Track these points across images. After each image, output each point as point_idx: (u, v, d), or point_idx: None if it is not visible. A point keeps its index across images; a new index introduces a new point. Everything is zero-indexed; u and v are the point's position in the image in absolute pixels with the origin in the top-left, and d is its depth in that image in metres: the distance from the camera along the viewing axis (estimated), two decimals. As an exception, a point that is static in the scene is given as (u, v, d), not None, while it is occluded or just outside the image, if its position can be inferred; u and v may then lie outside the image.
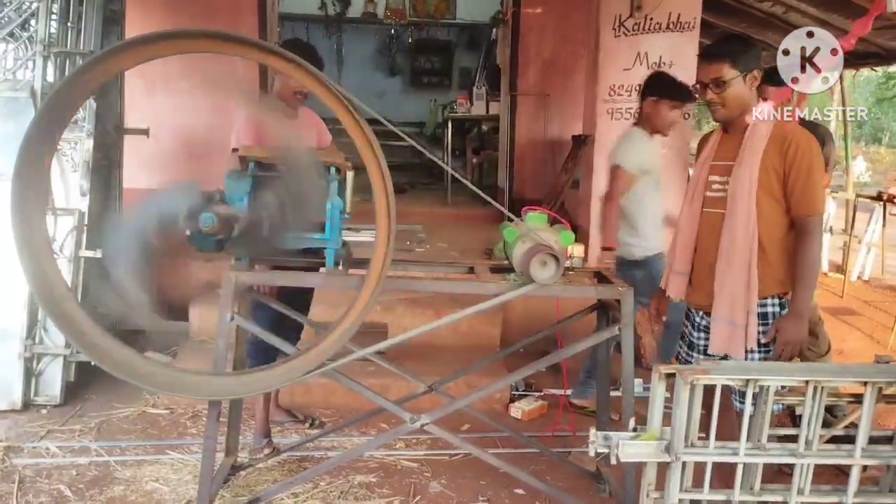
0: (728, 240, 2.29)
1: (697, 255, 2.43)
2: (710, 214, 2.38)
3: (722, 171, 2.37)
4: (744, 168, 2.26)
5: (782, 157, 2.23)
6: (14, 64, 3.86)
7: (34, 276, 2.06)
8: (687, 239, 2.46)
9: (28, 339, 3.58)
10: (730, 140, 2.38)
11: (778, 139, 2.25)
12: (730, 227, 2.29)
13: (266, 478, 2.96)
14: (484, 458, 2.57)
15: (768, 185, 2.24)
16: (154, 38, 1.98)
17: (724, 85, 2.29)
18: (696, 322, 2.48)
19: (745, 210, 2.24)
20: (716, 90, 2.31)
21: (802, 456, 1.62)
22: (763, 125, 2.28)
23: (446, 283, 2.67)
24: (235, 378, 2.43)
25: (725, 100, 2.31)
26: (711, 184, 2.40)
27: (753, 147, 2.26)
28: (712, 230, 2.36)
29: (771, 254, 2.27)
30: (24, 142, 1.97)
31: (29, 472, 2.94)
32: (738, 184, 2.27)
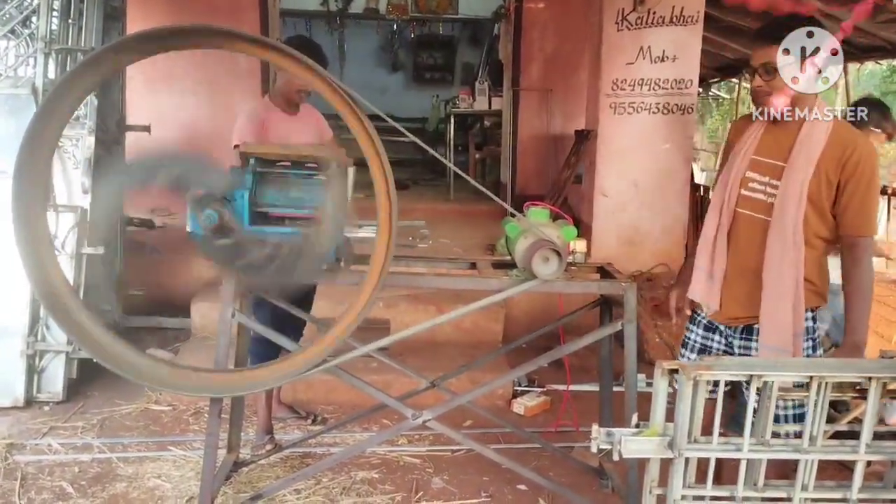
0: (777, 258, 2.08)
1: (728, 260, 2.22)
2: (747, 217, 2.17)
3: (765, 169, 2.14)
4: (797, 174, 2.04)
5: (839, 168, 2.02)
6: (15, 61, 3.86)
7: (35, 274, 2.06)
8: (723, 239, 2.23)
9: (30, 336, 3.59)
10: (777, 134, 2.14)
11: (838, 146, 2.03)
12: (778, 241, 2.08)
13: (268, 474, 2.96)
14: (486, 454, 2.56)
15: (817, 196, 2.05)
16: (155, 35, 1.97)
17: (775, 72, 2.05)
18: (716, 327, 2.30)
19: (793, 222, 2.05)
20: (765, 77, 2.08)
21: (807, 452, 1.60)
22: (821, 125, 2.06)
23: (448, 279, 2.66)
24: (237, 375, 2.42)
25: (774, 89, 2.07)
26: (749, 181, 2.17)
27: (810, 151, 2.04)
28: (749, 236, 2.16)
29: (809, 268, 2.09)
30: (25, 139, 1.96)
31: (31, 469, 2.94)
32: (790, 192, 2.05)
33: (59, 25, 3.85)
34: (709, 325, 2.32)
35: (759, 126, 2.20)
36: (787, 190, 2.06)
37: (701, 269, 2.29)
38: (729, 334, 2.26)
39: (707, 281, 2.26)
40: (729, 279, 2.21)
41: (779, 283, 2.08)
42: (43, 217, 2.10)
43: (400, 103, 10.69)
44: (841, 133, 2.06)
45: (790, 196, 2.05)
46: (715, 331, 2.30)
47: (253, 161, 2.29)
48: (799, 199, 2.03)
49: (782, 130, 2.12)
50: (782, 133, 2.12)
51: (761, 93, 2.10)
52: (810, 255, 2.08)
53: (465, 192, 7.67)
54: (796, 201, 2.04)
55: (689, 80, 4.76)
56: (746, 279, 2.16)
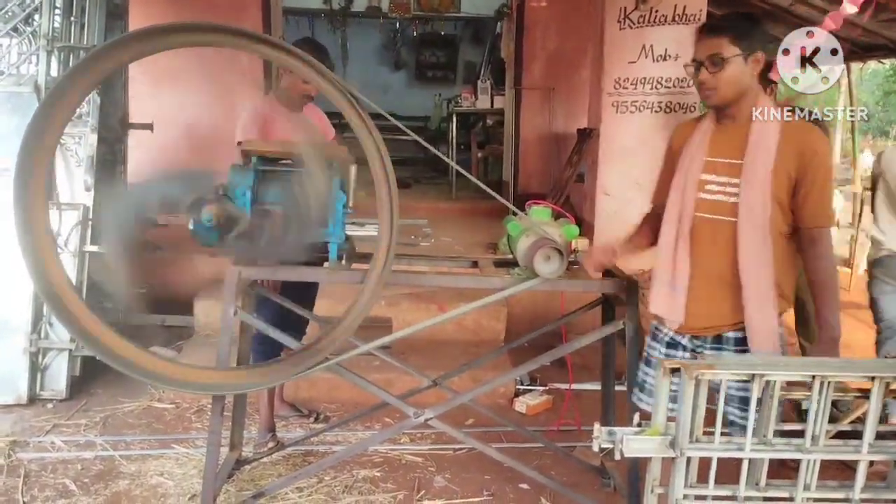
0: (753, 260, 2.00)
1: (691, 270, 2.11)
2: (708, 221, 2.08)
3: (722, 169, 2.06)
4: (758, 170, 1.98)
5: (797, 161, 1.96)
6: (18, 59, 3.86)
7: (37, 272, 2.06)
8: (684, 246, 2.11)
9: (33, 333, 3.59)
10: (728, 132, 2.08)
11: (793, 140, 1.98)
12: (751, 242, 1.99)
13: (270, 472, 2.97)
14: (488, 452, 2.56)
15: (778, 192, 1.98)
16: (157, 31, 1.97)
17: (722, 64, 1.99)
18: (679, 343, 2.18)
19: (762, 220, 1.98)
20: (711, 69, 2.00)
21: (809, 451, 1.60)
22: (771, 123, 2.01)
23: (450, 277, 2.66)
24: (239, 373, 2.42)
25: (720, 82, 2.01)
26: (706, 184, 2.08)
27: (767, 145, 1.98)
28: (712, 239, 2.06)
29: (778, 270, 2.02)
30: (27, 136, 1.96)
31: (34, 467, 2.95)
32: (753, 189, 1.99)
33: (62, 23, 3.85)
34: (671, 342, 2.20)
35: (706, 127, 2.13)
36: (751, 188, 1.99)
37: (661, 281, 2.17)
38: (697, 345, 2.14)
39: (669, 293, 2.14)
40: (694, 288, 2.10)
41: (759, 286, 2.00)
42: (45, 215, 2.10)
43: (402, 102, 10.69)
44: (793, 125, 2.01)
45: (755, 194, 1.98)
46: (678, 347, 2.18)
47: (255, 159, 2.29)
48: (763, 196, 1.97)
49: (732, 128, 2.07)
50: (733, 130, 2.07)
51: (707, 86, 2.04)
52: (779, 258, 2.01)
53: (467, 190, 7.68)
54: (762, 199, 1.98)
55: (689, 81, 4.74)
56: (712, 285, 2.07)
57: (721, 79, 2.00)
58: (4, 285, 3.54)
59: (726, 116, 2.09)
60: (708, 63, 2.01)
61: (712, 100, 2.05)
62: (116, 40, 2.04)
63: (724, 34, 2.00)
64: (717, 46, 2.00)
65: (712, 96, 2.04)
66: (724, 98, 2.03)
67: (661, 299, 2.17)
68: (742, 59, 1.99)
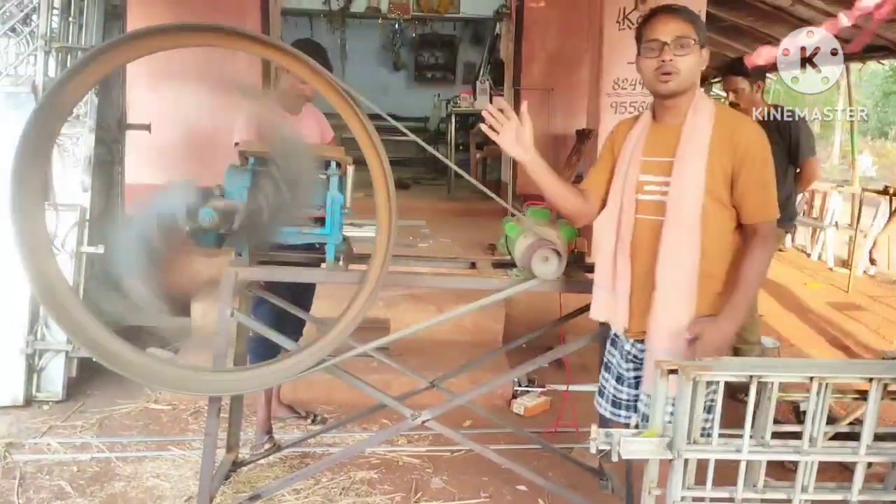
0: (670, 258, 1.91)
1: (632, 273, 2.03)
2: (646, 222, 1.98)
3: (657, 169, 1.97)
4: (687, 168, 1.90)
5: (731, 155, 1.89)
6: (15, 59, 3.86)
7: (34, 273, 2.05)
8: (624, 250, 2.03)
9: (30, 334, 3.58)
10: (662, 131, 2.00)
11: (725, 133, 1.91)
12: (672, 241, 1.91)
13: (267, 474, 2.96)
14: (486, 454, 2.55)
15: (714, 188, 1.89)
16: (155, 32, 1.96)
17: (690, 48, 1.90)
18: (626, 351, 2.11)
19: (690, 220, 1.89)
20: (679, 52, 1.89)
21: (807, 453, 1.60)
22: (704, 113, 1.93)
23: (448, 278, 2.65)
24: (236, 374, 2.42)
25: (684, 66, 1.90)
26: (643, 185, 1.99)
27: (698, 141, 1.91)
28: (648, 243, 1.97)
29: (715, 268, 1.94)
30: (23, 136, 1.95)
31: (30, 469, 2.94)
32: (682, 187, 1.90)
33: (60, 23, 3.85)
34: (622, 352, 2.13)
35: (643, 126, 2.05)
36: (680, 184, 1.90)
37: (601, 287, 2.10)
38: (641, 350, 2.05)
39: (610, 298, 2.07)
40: (635, 291, 2.02)
41: (673, 285, 1.91)
42: (41, 215, 2.09)
43: (401, 102, 10.70)
44: (724, 118, 1.94)
45: (684, 190, 1.90)
46: (625, 358, 2.11)
47: (252, 160, 2.28)
48: (693, 192, 1.88)
49: (667, 125, 1.99)
50: (669, 128, 1.98)
51: (668, 69, 1.90)
52: (718, 257, 1.94)
53: (466, 191, 7.68)
54: (691, 196, 1.89)
55: (701, 80, 4.75)
56: (650, 289, 1.97)
57: (685, 63, 1.90)
58: (0, 287, 3.53)
59: (666, 111, 1.99)
60: (675, 44, 1.89)
61: (671, 84, 1.92)
62: (114, 41, 2.03)
63: (688, 20, 1.92)
64: (685, 29, 1.90)
65: (671, 81, 1.91)
66: (682, 84, 1.92)
67: (603, 304, 2.10)
68: (699, 50, 1.92)
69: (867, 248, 7.32)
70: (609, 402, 2.19)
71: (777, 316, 5.55)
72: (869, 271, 7.30)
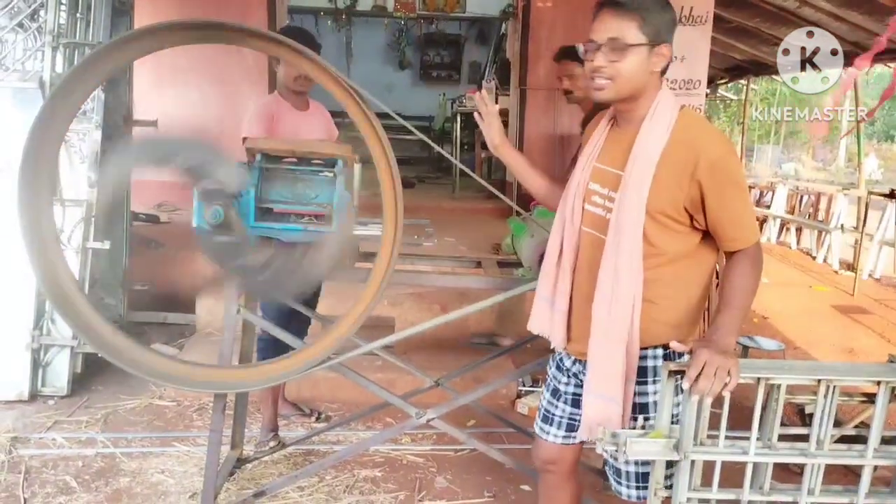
0: (608, 287, 1.70)
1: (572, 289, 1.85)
2: (589, 236, 1.79)
3: (605, 179, 1.77)
4: (634, 184, 1.67)
5: (688, 174, 1.63)
6: (23, 54, 3.86)
7: (41, 268, 2.06)
8: (567, 263, 1.84)
9: (35, 329, 3.59)
10: (617, 138, 1.78)
11: (682, 147, 1.65)
12: (612, 269, 1.69)
13: (271, 471, 2.96)
14: (490, 453, 2.55)
15: (658, 209, 1.66)
16: (162, 29, 1.97)
17: (624, 51, 1.64)
18: (565, 367, 1.94)
19: (629, 243, 1.67)
20: (610, 56, 1.64)
21: (814, 456, 1.59)
22: (662, 122, 1.68)
23: (454, 277, 2.66)
24: (241, 371, 2.42)
25: (618, 73, 1.65)
26: (591, 194, 1.79)
27: (647, 157, 1.66)
28: (591, 259, 1.78)
29: (656, 296, 1.71)
30: (32, 132, 1.96)
31: (35, 463, 2.95)
32: (626, 206, 1.67)
33: (67, 19, 3.85)
34: (559, 365, 1.97)
35: (605, 125, 1.83)
36: (623, 203, 1.68)
37: (542, 299, 1.91)
38: (580, 371, 1.87)
39: (548, 311, 1.89)
40: (574, 309, 1.84)
41: (608, 319, 1.70)
42: (49, 211, 2.10)
43: (407, 101, 10.69)
44: (684, 128, 1.68)
45: (626, 211, 1.67)
46: (564, 372, 1.94)
47: (259, 156, 2.28)
48: (636, 215, 1.66)
49: (622, 131, 1.76)
50: (622, 134, 1.76)
51: (599, 75, 1.67)
52: (659, 284, 1.70)
53: (471, 190, 7.68)
54: (633, 219, 1.66)
55: (698, 81, 4.74)
56: (588, 310, 1.77)
57: (619, 69, 1.65)
58: (7, 281, 3.54)
59: (620, 116, 1.78)
60: (606, 48, 1.65)
61: (603, 94, 1.69)
62: (122, 37, 2.04)
63: (632, 16, 1.64)
64: (620, 29, 1.64)
65: (604, 89, 1.68)
66: (617, 93, 1.68)
67: (540, 316, 1.92)
68: (647, 50, 1.65)
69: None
70: (540, 417, 2.01)
71: (782, 318, 5.53)
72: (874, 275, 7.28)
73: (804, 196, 9.01)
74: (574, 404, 1.92)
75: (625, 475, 1.87)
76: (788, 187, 9.55)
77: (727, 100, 14.84)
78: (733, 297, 1.65)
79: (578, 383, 1.89)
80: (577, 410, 1.92)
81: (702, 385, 1.48)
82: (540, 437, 2.01)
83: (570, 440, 1.97)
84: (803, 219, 8.74)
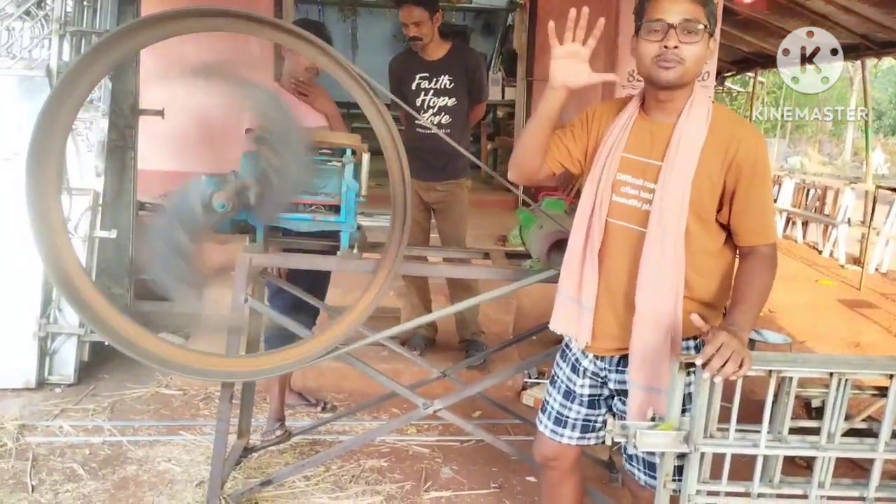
0: (654, 278, 1.68)
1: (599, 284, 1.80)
2: (618, 229, 1.76)
3: (638, 170, 1.74)
4: (677, 176, 1.66)
5: (724, 167, 1.65)
6: (30, 42, 3.85)
7: (49, 256, 2.06)
8: (593, 257, 1.79)
9: (42, 318, 3.60)
10: (650, 128, 1.75)
11: (721, 140, 1.66)
12: (657, 259, 1.68)
13: (278, 460, 2.97)
14: (496, 444, 2.56)
15: (699, 202, 1.67)
16: (170, 16, 1.96)
17: (699, 34, 1.63)
18: (582, 367, 1.89)
19: (674, 235, 1.66)
20: (685, 38, 1.62)
21: (825, 449, 1.59)
22: (699, 114, 1.69)
23: (461, 268, 2.65)
24: (249, 360, 2.42)
25: (689, 55, 1.63)
26: (621, 185, 1.75)
27: (691, 146, 1.66)
28: (621, 251, 1.75)
29: (694, 288, 1.71)
30: (39, 120, 1.95)
31: (42, 451, 2.96)
32: (670, 198, 1.66)
33: (74, 7, 3.84)
34: (575, 366, 1.92)
35: (629, 116, 1.79)
36: (667, 195, 1.67)
37: (565, 296, 1.85)
38: (602, 368, 1.85)
39: (574, 309, 1.83)
40: (600, 304, 1.79)
41: (654, 309, 1.69)
42: (57, 199, 2.09)
43: (412, 92, 10.64)
44: (722, 122, 1.69)
45: (670, 203, 1.66)
46: (580, 373, 1.90)
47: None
48: (680, 206, 1.66)
49: (656, 122, 1.74)
50: (656, 125, 1.74)
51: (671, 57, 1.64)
52: (697, 276, 1.71)
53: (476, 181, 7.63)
54: (678, 209, 1.66)
55: (706, 73, 4.72)
56: (619, 303, 1.77)
57: (691, 52, 1.63)
58: (14, 270, 3.54)
59: (659, 106, 1.74)
60: (682, 28, 1.62)
61: (671, 74, 1.64)
62: (130, 25, 2.03)
63: (700, 2, 1.64)
64: (695, 12, 1.63)
65: (673, 71, 1.64)
66: (685, 76, 1.66)
67: (565, 316, 1.86)
68: (709, 37, 1.66)
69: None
70: (551, 420, 1.97)
71: (788, 312, 5.52)
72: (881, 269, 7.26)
73: (811, 190, 8.98)
74: (590, 405, 1.91)
75: (635, 459, 1.87)
76: (795, 181, 9.51)
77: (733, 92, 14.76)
78: (749, 295, 1.65)
79: (595, 383, 1.88)
80: (593, 411, 1.92)
81: (715, 363, 1.46)
82: (552, 440, 1.98)
83: (585, 441, 1.96)
84: (810, 213, 8.71)
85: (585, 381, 1.90)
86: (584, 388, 1.90)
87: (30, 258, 2.99)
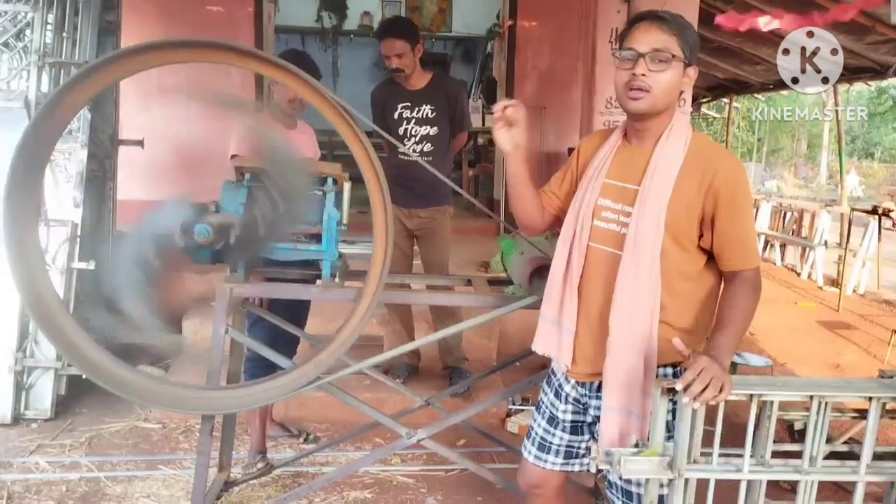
0: (628, 300, 1.69)
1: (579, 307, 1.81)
2: (599, 252, 1.78)
3: (617, 195, 1.77)
4: (652, 200, 1.69)
5: (702, 193, 1.67)
6: (8, 74, 3.84)
7: (26, 288, 2.03)
8: (574, 280, 1.81)
9: (19, 351, 3.54)
10: (630, 154, 1.79)
11: (697, 167, 1.69)
12: (631, 281, 1.69)
13: (259, 494, 2.92)
14: (480, 473, 2.53)
15: (675, 225, 1.68)
16: (149, 48, 1.96)
17: (667, 63, 1.67)
18: (564, 393, 1.91)
19: (649, 257, 1.68)
20: (652, 67, 1.66)
21: (807, 473, 1.59)
22: (678, 140, 1.72)
23: (444, 295, 2.65)
24: (230, 392, 2.39)
25: (657, 84, 1.67)
26: (602, 210, 1.79)
27: (666, 171, 1.70)
28: (599, 275, 1.77)
29: (669, 311, 1.71)
30: (17, 152, 1.94)
31: (18, 488, 2.89)
32: (644, 221, 1.69)
33: (53, 39, 3.84)
34: (558, 392, 1.93)
35: (612, 144, 1.84)
36: (642, 218, 1.69)
37: (547, 319, 1.87)
38: (583, 394, 1.86)
39: (555, 332, 1.85)
40: (580, 328, 1.81)
41: (628, 331, 1.69)
42: (34, 231, 2.07)
43: (393, 120, 10.69)
44: (699, 148, 1.72)
45: (645, 226, 1.68)
46: (563, 399, 1.91)
47: (248, 175, 2.27)
48: (656, 229, 1.67)
49: (635, 149, 1.79)
50: (635, 152, 1.78)
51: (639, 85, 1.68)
52: (673, 301, 1.71)
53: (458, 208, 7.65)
54: (653, 232, 1.68)
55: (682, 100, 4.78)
56: (598, 327, 1.77)
57: (659, 81, 1.67)
58: (-10, 302, 3.49)
59: (636, 133, 1.79)
60: (650, 58, 1.66)
61: (640, 104, 1.69)
62: (109, 57, 2.03)
63: (673, 31, 1.68)
64: (665, 42, 1.67)
65: (642, 100, 1.69)
66: (655, 105, 1.70)
67: (546, 338, 1.88)
68: (683, 66, 1.70)
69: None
70: (535, 445, 1.98)
71: (768, 335, 5.56)
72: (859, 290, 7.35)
73: (787, 213, 9.11)
74: (573, 431, 1.92)
75: (615, 486, 1.84)
76: (772, 204, 9.65)
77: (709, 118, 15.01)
78: (732, 318, 1.66)
79: (577, 409, 1.90)
80: (576, 437, 1.93)
81: (695, 388, 1.47)
82: (536, 465, 1.98)
83: (569, 467, 1.96)
84: (787, 235, 8.83)
85: (568, 406, 1.91)
86: (566, 413, 1.91)
87: (6, 290, 2.95)
